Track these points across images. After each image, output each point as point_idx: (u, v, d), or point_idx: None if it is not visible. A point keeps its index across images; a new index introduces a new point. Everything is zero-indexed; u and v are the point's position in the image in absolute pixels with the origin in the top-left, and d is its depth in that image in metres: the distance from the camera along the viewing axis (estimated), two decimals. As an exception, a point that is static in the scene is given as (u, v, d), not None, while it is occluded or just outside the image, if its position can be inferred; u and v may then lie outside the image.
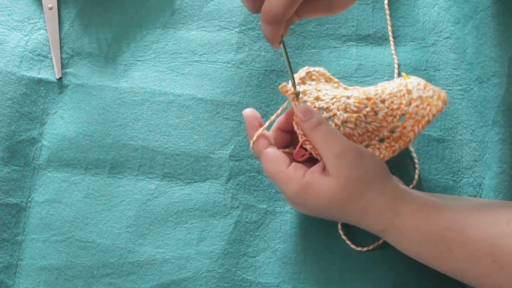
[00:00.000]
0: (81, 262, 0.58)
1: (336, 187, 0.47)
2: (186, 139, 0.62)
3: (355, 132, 0.53)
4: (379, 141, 0.54)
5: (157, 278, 0.57)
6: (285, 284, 0.56)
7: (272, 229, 0.59)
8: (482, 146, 0.59)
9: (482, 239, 0.44)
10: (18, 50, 0.65)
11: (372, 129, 0.53)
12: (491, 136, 0.58)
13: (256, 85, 0.63)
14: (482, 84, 0.61)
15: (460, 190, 0.58)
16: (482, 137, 0.59)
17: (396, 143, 0.53)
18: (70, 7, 0.68)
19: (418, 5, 0.66)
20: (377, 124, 0.53)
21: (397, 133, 0.53)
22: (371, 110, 0.53)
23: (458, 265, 0.46)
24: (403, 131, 0.53)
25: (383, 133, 0.53)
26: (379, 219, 0.48)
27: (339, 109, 0.54)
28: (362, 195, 0.48)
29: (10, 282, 0.58)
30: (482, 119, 0.60)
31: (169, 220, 0.59)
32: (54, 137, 0.62)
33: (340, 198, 0.48)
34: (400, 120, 0.53)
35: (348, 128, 0.53)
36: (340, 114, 0.53)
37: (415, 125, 0.52)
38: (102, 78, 0.65)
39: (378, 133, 0.54)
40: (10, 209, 0.60)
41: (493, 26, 0.62)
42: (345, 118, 0.53)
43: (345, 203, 0.48)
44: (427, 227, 0.46)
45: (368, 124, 0.53)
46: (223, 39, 0.66)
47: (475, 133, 0.60)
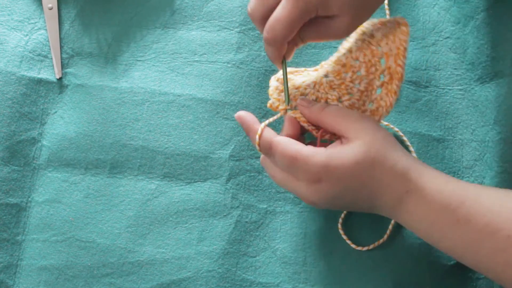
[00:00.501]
0: (81, 262, 0.58)
1: (362, 147, 0.47)
2: (186, 139, 0.62)
3: (353, 100, 0.53)
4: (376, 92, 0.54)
5: (157, 278, 0.57)
6: (285, 284, 0.56)
7: (272, 229, 0.59)
8: (483, 145, 0.59)
9: (499, 211, 0.44)
10: (18, 50, 0.65)
11: (364, 88, 0.53)
12: (492, 135, 0.58)
13: (256, 85, 0.63)
14: (483, 84, 0.61)
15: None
16: (483, 136, 0.59)
17: (391, 84, 0.52)
18: (70, 7, 0.68)
19: (418, 5, 0.66)
20: (366, 81, 0.53)
21: (387, 76, 0.53)
22: (352, 73, 0.53)
23: (472, 236, 0.45)
24: (390, 71, 0.52)
25: (376, 84, 0.53)
26: (405, 179, 0.47)
27: (327, 92, 0.54)
28: (388, 154, 0.47)
29: (10, 282, 0.58)
30: (483, 118, 0.60)
31: (169, 220, 0.59)
32: (54, 137, 0.62)
33: (368, 157, 0.47)
34: (382, 65, 0.53)
35: (346, 101, 0.53)
36: (331, 95, 0.53)
37: (397, 59, 0.52)
38: (102, 78, 0.65)
39: (372, 87, 0.53)
40: (10, 209, 0.60)
41: (495, 26, 0.62)
42: (337, 95, 0.53)
43: (373, 163, 0.47)
44: (448, 192, 0.46)
45: (359, 86, 0.53)
46: (223, 39, 0.66)
47: (475, 133, 0.60)
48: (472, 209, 0.44)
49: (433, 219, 0.47)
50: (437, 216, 0.46)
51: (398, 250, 0.56)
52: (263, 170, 0.60)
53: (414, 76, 0.63)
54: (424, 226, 0.48)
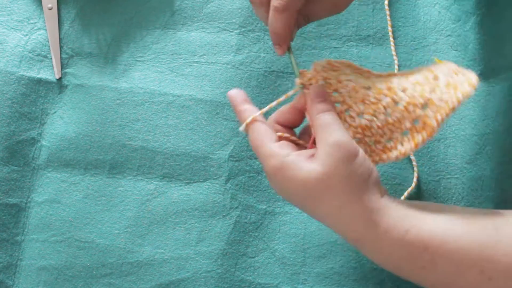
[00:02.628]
0: (81, 262, 0.58)
1: (317, 175, 0.43)
2: (185, 140, 0.62)
3: (374, 124, 0.49)
4: (402, 134, 0.49)
5: (156, 279, 0.57)
6: (284, 284, 0.57)
7: (271, 230, 0.59)
8: (483, 138, 0.59)
9: (468, 248, 0.41)
10: (18, 50, 0.65)
11: (393, 121, 0.48)
12: (494, 127, 0.58)
13: (256, 86, 0.63)
14: (487, 79, 0.61)
15: (463, 185, 0.58)
16: (484, 129, 0.59)
17: (419, 134, 0.47)
18: (70, 7, 0.67)
19: (419, 4, 0.66)
20: (398, 115, 0.48)
21: (419, 123, 0.47)
22: (391, 100, 0.48)
23: (443, 279, 0.42)
24: (425, 120, 0.47)
25: (405, 124, 0.48)
26: (352, 227, 0.44)
27: (356, 102, 0.49)
28: (341, 194, 0.43)
29: (10, 282, 0.58)
30: (484, 112, 0.59)
31: (168, 220, 0.59)
32: (54, 137, 0.62)
33: (317, 188, 0.43)
34: (424, 109, 0.47)
35: (365, 120, 0.49)
36: (356, 107, 0.49)
37: (438, 112, 0.46)
38: (102, 78, 0.65)
39: (400, 125, 0.48)
40: (10, 209, 0.60)
41: (497, 21, 0.62)
42: (361, 110, 0.49)
43: (321, 196, 0.44)
44: (408, 240, 0.43)
45: (388, 116, 0.48)
46: (222, 41, 0.66)
47: (477, 127, 0.60)
48: (437, 253, 0.42)
49: (396, 265, 0.45)
50: (399, 263, 0.44)
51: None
52: (262, 170, 0.60)
53: (414, 77, 0.63)
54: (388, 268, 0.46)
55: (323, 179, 0.43)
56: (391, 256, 0.44)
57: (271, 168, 0.45)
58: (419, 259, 0.42)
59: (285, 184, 0.45)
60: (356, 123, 0.49)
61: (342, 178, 0.43)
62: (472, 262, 0.41)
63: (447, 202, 0.58)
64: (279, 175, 0.45)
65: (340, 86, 0.50)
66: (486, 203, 0.57)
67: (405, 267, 0.44)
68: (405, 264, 0.44)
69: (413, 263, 0.43)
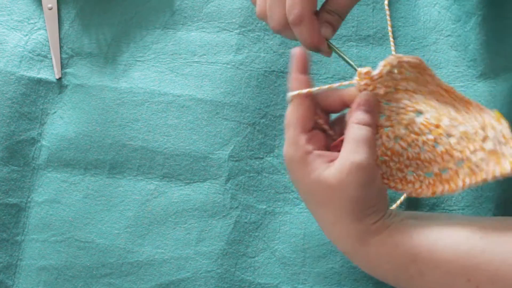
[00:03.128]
0: (81, 262, 0.58)
1: (325, 185, 0.44)
2: (185, 140, 0.62)
3: (405, 153, 0.47)
4: (426, 174, 0.47)
5: (156, 279, 0.57)
6: (284, 284, 0.56)
7: (271, 230, 0.59)
8: None
9: (455, 258, 0.42)
10: (18, 50, 0.65)
11: (423, 159, 0.46)
12: None
13: (256, 86, 0.63)
14: (487, 80, 0.60)
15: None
16: None
17: (441, 185, 0.46)
18: (70, 7, 0.67)
19: (419, 4, 0.66)
20: (431, 156, 0.46)
21: (446, 175, 0.45)
22: (433, 139, 0.45)
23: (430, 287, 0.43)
24: (453, 176, 0.45)
25: (433, 168, 0.46)
26: (343, 242, 0.45)
27: (401, 123, 0.46)
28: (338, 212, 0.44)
29: (10, 282, 0.58)
30: None
31: (168, 220, 0.59)
32: (54, 137, 0.62)
33: (321, 197, 0.44)
34: (457, 164, 0.45)
35: (399, 146, 0.46)
36: (397, 128, 0.46)
37: (469, 176, 0.44)
38: (102, 78, 0.65)
39: (428, 166, 0.46)
40: (10, 209, 0.60)
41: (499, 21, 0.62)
42: (401, 134, 0.46)
43: (323, 204, 0.45)
44: (397, 255, 0.44)
45: (422, 152, 0.46)
46: (222, 40, 0.66)
47: None
48: (425, 264, 0.43)
49: (383, 276, 0.46)
50: (387, 274, 0.45)
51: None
52: (263, 170, 0.61)
53: (414, 77, 0.63)
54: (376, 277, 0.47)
55: (329, 191, 0.44)
56: (379, 268, 0.45)
57: (291, 156, 0.46)
58: (407, 270, 0.43)
59: (296, 175, 0.46)
60: (389, 145, 0.47)
61: (347, 199, 0.44)
62: (459, 271, 0.41)
63: (447, 202, 0.58)
64: (297, 165, 0.45)
65: (395, 98, 0.47)
66: (486, 203, 0.57)
67: (393, 277, 0.45)
68: (393, 275, 0.45)
69: (401, 274, 0.44)
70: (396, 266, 0.44)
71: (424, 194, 0.46)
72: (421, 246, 0.43)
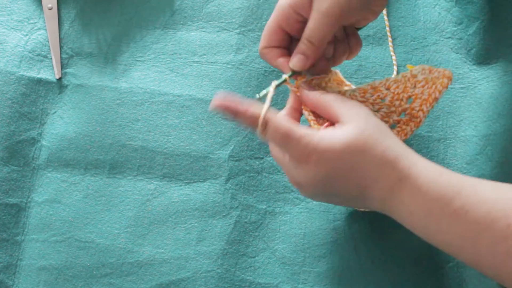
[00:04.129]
0: (81, 262, 0.58)
1: (354, 130, 0.46)
2: (185, 139, 0.62)
3: None
4: (390, 127, 0.52)
5: (156, 278, 0.57)
6: (284, 284, 0.56)
7: (271, 230, 0.59)
8: (484, 139, 0.59)
9: (497, 201, 0.42)
10: (18, 50, 0.65)
11: (381, 116, 0.53)
12: (495, 128, 0.58)
13: (256, 86, 0.63)
14: (490, 82, 0.61)
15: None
16: (485, 131, 0.59)
17: (407, 125, 0.52)
18: (70, 7, 0.68)
19: (419, 5, 0.66)
20: (385, 110, 0.53)
21: (406, 116, 0.52)
22: (377, 97, 0.53)
23: (470, 227, 0.43)
24: (411, 112, 0.52)
25: (393, 118, 0.53)
26: (398, 166, 0.46)
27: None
28: (380, 140, 0.46)
29: (10, 282, 0.58)
30: (486, 114, 0.60)
31: (169, 220, 0.59)
32: (54, 137, 0.62)
33: (359, 140, 0.45)
34: (408, 103, 0.52)
35: None
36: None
37: (423, 104, 0.52)
38: (102, 78, 0.65)
39: (388, 119, 0.53)
40: (10, 209, 0.60)
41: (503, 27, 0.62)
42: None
43: (364, 147, 0.45)
44: (443, 182, 0.44)
45: (376, 112, 0.53)
46: (222, 40, 0.66)
47: (477, 128, 0.60)
48: (469, 199, 0.43)
49: (428, 210, 0.45)
50: (432, 206, 0.45)
51: (398, 250, 0.56)
52: (263, 170, 0.61)
53: (414, 77, 0.63)
54: (419, 218, 0.46)
55: (361, 132, 0.46)
56: (424, 201, 0.45)
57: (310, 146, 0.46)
58: (452, 202, 0.43)
59: (326, 155, 0.46)
60: None
61: (375, 128, 0.46)
62: (501, 213, 0.42)
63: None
64: (319, 148, 0.46)
65: (328, 88, 0.54)
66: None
67: (436, 210, 0.44)
68: (437, 208, 0.44)
69: (446, 206, 0.44)
70: (441, 196, 0.44)
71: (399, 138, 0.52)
72: (465, 182, 0.44)
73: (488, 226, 0.42)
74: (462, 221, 0.43)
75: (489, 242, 0.42)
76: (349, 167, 0.46)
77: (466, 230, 0.43)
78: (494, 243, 0.42)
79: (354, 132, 0.46)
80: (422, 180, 0.45)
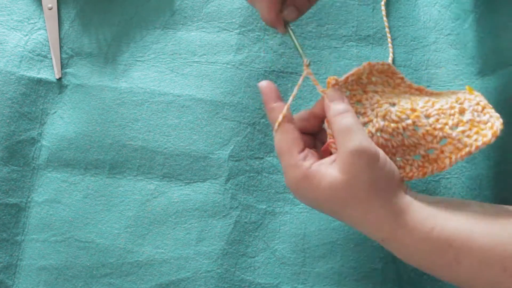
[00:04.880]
0: (81, 262, 0.58)
1: (340, 184, 0.44)
2: (185, 140, 0.62)
3: (389, 143, 0.48)
4: (413, 157, 0.49)
5: (156, 278, 0.57)
6: (284, 284, 0.56)
7: (271, 230, 0.59)
8: None
9: (491, 247, 0.42)
10: (18, 50, 0.65)
11: (408, 144, 0.48)
12: None
13: (256, 86, 0.63)
14: (484, 77, 0.61)
15: (462, 184, 0.58)
16: None
17: (430, 165, 0.47)
18: (70, 7, 0.68)
19: (419, 4, 0.66)
20: (414, 140, 0.47)
21: (433, 155, 0.47)
22: (412, 123, 0.47)
23: (466, 275, 0.43)
24: (439, 155, 0.47)
25: (419, 151, 0.48)
26: (380, 229, 0.45)
27: (378, 116, 0.48)
28: (365, 201, 0.44)
29: (10, 282, 0.58)
30: None
31: (168, 220, 0.59)
32: (54, 137, 0.62)
33: (341, 197, 0.45)
34: (441, 143, 0.46)
35: (382, 139, 0.48)
36: (376, 122, 0.48)
37: (454, 153, 0.46)
38: (102, 78, 0.65)
39: (414, 149, 0.48)
40: (10, 209, 0.60)
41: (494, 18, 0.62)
42: (381, 127, 0.48)
43: (345, 204, 0.45)
44: (433, 239, 0.44)
45: (405, 138, 0.48)
46: (222, 40, 0.66)
47: None
48: (462, 251, 0.43)
49: (420, 262, 0.46)
50: (424, 260, 0.45)
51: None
52: (263, 170, 0.61)
53: (414, 78, 0.63)
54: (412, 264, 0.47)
55: (345, 187, 0.44)
56: (417, 253, 0.45)
57: (294, 180, 0.46)
58: (444, 256, 0.44)
59: (308, 194, 0.46)
60: (373, 140, 0.48)
61: (365, 186, 0.44)
62: (495, 259, 0.42)
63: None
64: (301, 185, 0.46)
65: (365, 97, 0.50)
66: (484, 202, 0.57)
67: (430, 263, 0.45)
68: (430, 261, 0.45)
69: (438, 260, 0.44)
70: (433, 251, 0.44)
71: (416, 176, 0.48)
72: (457, 232, 0.43)
73: (483, 272, 0.43)
74: (456, 272, 0.44)
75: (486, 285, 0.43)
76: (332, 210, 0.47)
77: (462, 277, 0.44)
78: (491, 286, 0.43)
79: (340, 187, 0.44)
80: (410, 241, 0.44)
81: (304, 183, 0.46)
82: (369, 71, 0.50)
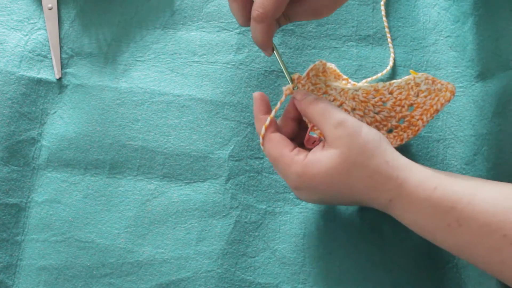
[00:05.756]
0: (81, 262, 0.58)
1: (337, 158, 0.46)
2: (185, 139, 0.62)
3: (364, 120, 0.54)
4: (387, 131, 0.54)
5: (156, 278, 0.57)
6: (284, 284, 0.56)
7: (271, 230, 0.59)
8: (481, 139, 0.59)
9: (493, 212, 0.42)
10: (18, 50, 0.65)
11: (380, 119, 0.54)
12: (491, 128, 0.58)
13: (256, 86, 0.63)
14: (485, 79, 0.61)
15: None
16: (481, 130, 0.59)
17: (404, 132, 0.54)
18: (70, 7, 0.68)
19: (419, 5, 0.66)
20: (385, 114, 0.54)
21: (405, 122, 0.54)
22: (379, 100, 0.54)
23: (466, 239, 0.44)
24: (411, 120, 0.53)
25: (392, 123, 0.54)
26: (386, 188, 0.46)
27: (347, 99, 0.54)
28: (365, 164, 0.46)
29: (10, 282, 0.58)
30: (482, 112, 0.60)
31: (169, 220, 0.59)
32: (54, 137, 0.62)
33: (343, 169, 0.46)
34: (409, 110, 0.53)
35: (357, 115, 0.53)
36: (348, 102, 0.54)
37: (423, 114, 0.53)
38: (102, 78, 0.65)
39: (386, 123, 0.54)
40: (10, 209, 0.60)
41: (494, 21, 0.62)
42: (353, 106, 0.53)
43: (349, 175, 0.46)
44: (436, 198, 0.44)
45: (376, 114, 0.54)
46: (222, 40, 0.66)
47: (475, 128, 0.60)
48: (464, 213, 0.43)
49: (423, 225, 0.46)
50: (426, 222, 0.46)
51: (398, 250, 0.56)
52: (263, 170, 0.61)
53: (414, 77, 0.63)
54: (415, 229, 0.48)
55: (345, 159, 0.46)
56: (421, 213, 0.46)
57: (295, 176, 0.49)
58: (445, 217, 0.44)
59: (313, 183, 0.48)
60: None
61: (360, 150, 0.46)
62: (497, 225, 0.42)
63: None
64: (304, 177, 0.48)
65: (329, 88, 0.55)
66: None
67: (431, 225, 0.46)
68: (431, 222, 0.45)
69: (439, 221, 0.45)
70: (435, 211, 0.45)
71: (394, 144, 0.54)
72: (460, 194, 0.44)
73: (484, 237, 0.43)
74: (456, 234, 0.44)
75: (485, 251, 0.43)
76: (337, 192, 0.48)
77: (461, 241, 0.45)
78: (490, 253, 0.43)
79: (338, 160, 0.47)
80: (414, 199, 0.46)
81: (305, 174, 0.48)
82: (323, 69, 0.56)
